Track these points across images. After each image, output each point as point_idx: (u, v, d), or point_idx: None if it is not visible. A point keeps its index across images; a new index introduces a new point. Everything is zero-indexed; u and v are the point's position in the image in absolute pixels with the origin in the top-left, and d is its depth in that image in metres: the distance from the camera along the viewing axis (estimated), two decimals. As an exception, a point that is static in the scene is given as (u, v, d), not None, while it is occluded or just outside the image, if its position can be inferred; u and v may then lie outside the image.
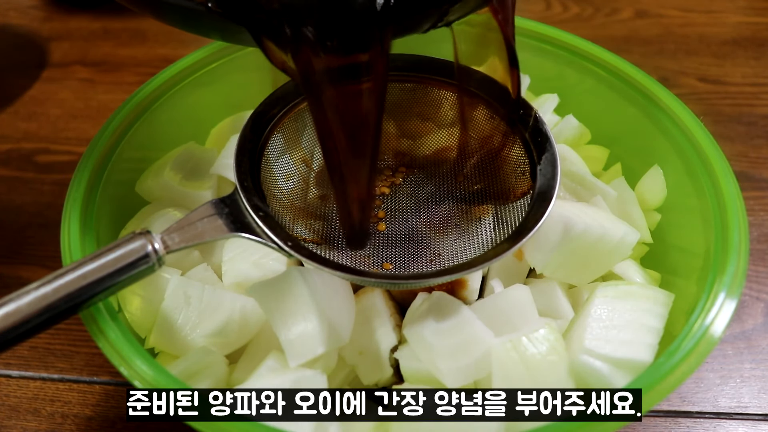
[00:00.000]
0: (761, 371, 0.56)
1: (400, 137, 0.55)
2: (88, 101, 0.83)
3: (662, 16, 0.94)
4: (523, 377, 0.42)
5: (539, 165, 0.48)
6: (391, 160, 0.55)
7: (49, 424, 0.53)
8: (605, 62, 0.59)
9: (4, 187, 0.73)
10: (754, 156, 0.74)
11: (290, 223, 0.48)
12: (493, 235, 0.48)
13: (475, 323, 0.45)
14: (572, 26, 0.93)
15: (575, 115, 0.62)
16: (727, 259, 0.44)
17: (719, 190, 0.48)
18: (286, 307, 0.44)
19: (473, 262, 0.44)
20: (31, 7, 0.99)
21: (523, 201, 0.48)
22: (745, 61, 0.86)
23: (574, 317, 0.48)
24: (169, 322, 0.47)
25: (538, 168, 0.48)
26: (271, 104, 0.50)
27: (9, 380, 0.56)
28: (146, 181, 0.56)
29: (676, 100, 0.55)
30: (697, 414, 0.53)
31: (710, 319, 0.41)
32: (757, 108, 0.79)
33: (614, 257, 0.50)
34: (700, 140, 0.51)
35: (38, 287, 0.38)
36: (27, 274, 0.64)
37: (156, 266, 0.41)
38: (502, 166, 0.51)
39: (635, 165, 0.59)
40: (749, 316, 0.59)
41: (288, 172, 0.51)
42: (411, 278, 0.44)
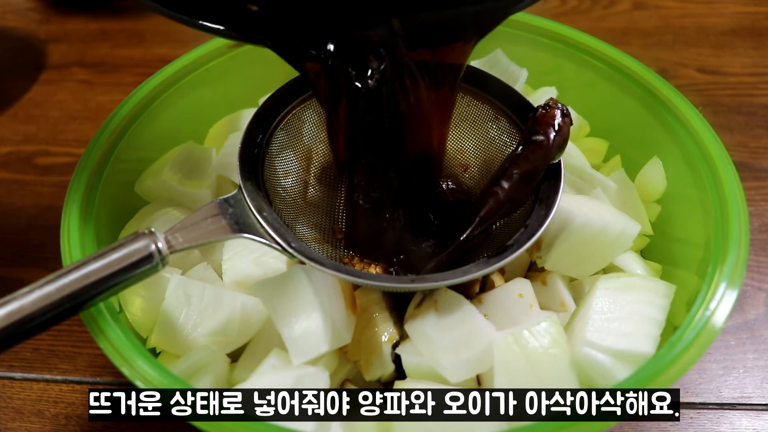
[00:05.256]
0: (764, 361, 0.56)
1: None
2: (86, 102, 0.83)
3: (660, 8, 0.93)
4: (525, 371, 0.42)
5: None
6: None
7: (53, 426, 0.54)
8: (603, 54, 0.59)
9: (4, 189, 0.73)
10: (754, 146, 0.73)
11: (293, 223, 0.49)
12: (494, 241, 0.48)
13: (477, 317, 0.45)
14: (570, 19, 0.92)
15: (574, 107, 0.62)
16: (727, 250, 0.44)
17: (719, 181, 0.48)
18: (289, 306, 0.44)
19: (470, 270, 0.44)
20: (29, 9, 0.99)
21: (526, 207, 0.48)
22: (744, 51, 0.86)
23: (576, 310, 0.48)
24: (170, 322, 0.47)
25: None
26: (273, 103, 0.50)
27: (12, 382, 0.57)
28: (145, 181, 0.56)
29: (675, 92, 0.54)
30: (701, 405, 0.53)
31: (711, 309, 0.41)
32: (756, 98, 0.79)
33: (615, 249, 0.50)
34: (700, 131, 0.51)
35: (42, 286, 0.38)
36: (28, 277, 0.64)
37: (159, 266, 0.41)
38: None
39: (635, 157, 0.59)
40: (751, 306, 0.59)
41: (291, 171, 0.51)
42: (410, 281, 0.44)
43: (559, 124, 0.46)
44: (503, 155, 0.51)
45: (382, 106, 0.45)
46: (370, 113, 0.45)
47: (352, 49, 0.43)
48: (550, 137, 0.46)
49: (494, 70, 0.57)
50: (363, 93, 0.44)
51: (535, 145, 0.46)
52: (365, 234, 0.49)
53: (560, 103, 0.47)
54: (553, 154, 0.46)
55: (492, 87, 0.51)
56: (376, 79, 0.43)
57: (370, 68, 0.43)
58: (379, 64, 0.43)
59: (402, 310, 0.48)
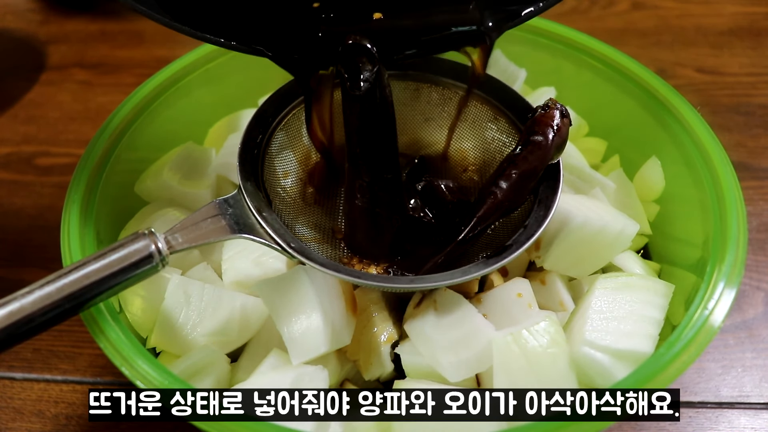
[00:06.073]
0: (762, 360, 0.56)
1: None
2: (86, 103, 0.83)
3: (658, 8, 0.94)
4: (525, 370, 0.42)
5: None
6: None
7: (53, 426, 0.54)
8: (602, 55, 0.59)
9: (5, 190, 0.73)
10: (752, 146, 0.74)
11: (292, 223, 0.49)
12: (493, 241, 0.48)
13: (476, 317, 0.45)
14: (569, 19, 0.92)
15: (573, 107, 0.62)
16: (726, 249, 0.44)
17: (717, 181, 0.48)
18: (290, 306, 0.44)
19: (470, 270, 0.44)
20: (29, 10, 0.99)
21: (524, 207, 0.48)
22: (742, 51, 0.86)
23: (575, 309, 0.48)
24: (170, 322, 0.47)
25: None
26: (272, 103, 0.50)
27: (13, 383, 0.57)
28: (145, 182, 0.56)
29: (674, 92, 0.55)
30: (699, 404, 0.53)
31: (710, 309, 0.42)
32: (754, 98, 0.79)
33: (614, 249, 0.50)
34: (698, 131, 0.51)
35: (42, 286, 0.38)
36: (29, 277, 0.64)
37: (159, 266, 0.41)
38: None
39: (633, 157, 0.59)
40: (750, 305, 0.60)
41: (291, 171, 0.51)
42: (410, 281, 0.45)
43: (558, 124, 0.46)
44: (502, 155, 0.51)
45: (382, 107, 0.45)
46: (370, 115, 0.45)
47: (352, 55, 0.44)
48: (549, 138, 0.46)
49: (493, 71, 0.57)
50: (360, 96, 0.44)
51: (533, 146, 0.46)
52: (365, 234, 0.49)
53: (559, 104, 0.47)
54: (552, 154, 0.46)
55: (491, 87, 0.51)
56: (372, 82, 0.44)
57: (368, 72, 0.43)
58: (372, 67, 0.43)
59: (401, 309, 0.48)
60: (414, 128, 0.54)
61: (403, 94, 0.53)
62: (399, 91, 0.53)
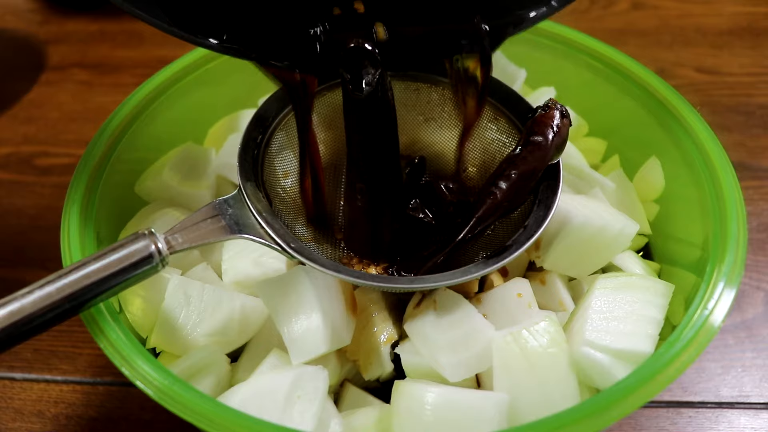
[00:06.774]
0: (762, 360, 0.56)
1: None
2: (86, 103, 0.83)
3: (658, 8, 0.94)
4: (524, 370, 0.42)
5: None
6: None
7: (53, 426, 0.54)
8: (602, 55, 0.59)
9: (4, 190, 0.73)
10: (752, 145, 0.74)
11: (292, 223, 0.49)
12: (492, 241, 0.48)
13: (476, 317, 0.45)
14: (568, 19, 0.92)
15: (572, 107, 0.62)
16: (725, 249, 0.44)
17: (717, 180, 0.48)
18: (290, 306, 0.44)
19: (470, 270, 0.44)
20: (28, 10, 0.99)
21: (524, 207, 0.48)
22: (742, 51, 0.86)
23: (575, 309, 0.48)
24: (170, 322, 0.47)
25: None
26: (272, 104, 0.50)
27: (13, 383, 0.57)
28: (145, 182, 0.57)
29: (673, 92, 0.55)
30: (699, 404, 0.53)
31: (710, 308, 0.42)
32: (754, 98, 0.79)
33: (613, 249, 0.50)
34: (698, 131, 0.51)
35: (42, 286, 0.38)
36: (29, 277, 0.64)
37: (159, 267, 0.41)
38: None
39: (633, 157, 0.59)
40: (750, 305, 0.60)
41: (291, 171, 0.51)
42: (410, 281, 0.45)
43: (558, 125, 0.46)
44: (502, 156, 0.51)
45: (384, 110, 0.45)
46: (372, 117, 0.45)
47: (354, 57, 0.44)
48: (549, 138, 0.46)
49: (493, 71, 0.57)
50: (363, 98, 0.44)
51: (533, 146, 0.46)
52: (364, 234, 0.49)
53: (559, 104, 0.47)
54: (552, 155, 0.46)
55: (491, 87, 0.51)
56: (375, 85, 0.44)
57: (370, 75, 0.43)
58: (375, 70, 0.43)
59: (401, 309, 0.48)
60: (414, 128, 0.54)
61: (403, 95, 0.53)
62: (399, 91, 0.52)
